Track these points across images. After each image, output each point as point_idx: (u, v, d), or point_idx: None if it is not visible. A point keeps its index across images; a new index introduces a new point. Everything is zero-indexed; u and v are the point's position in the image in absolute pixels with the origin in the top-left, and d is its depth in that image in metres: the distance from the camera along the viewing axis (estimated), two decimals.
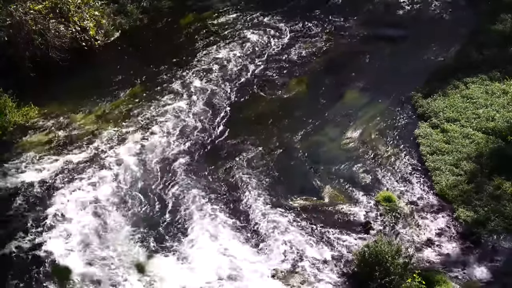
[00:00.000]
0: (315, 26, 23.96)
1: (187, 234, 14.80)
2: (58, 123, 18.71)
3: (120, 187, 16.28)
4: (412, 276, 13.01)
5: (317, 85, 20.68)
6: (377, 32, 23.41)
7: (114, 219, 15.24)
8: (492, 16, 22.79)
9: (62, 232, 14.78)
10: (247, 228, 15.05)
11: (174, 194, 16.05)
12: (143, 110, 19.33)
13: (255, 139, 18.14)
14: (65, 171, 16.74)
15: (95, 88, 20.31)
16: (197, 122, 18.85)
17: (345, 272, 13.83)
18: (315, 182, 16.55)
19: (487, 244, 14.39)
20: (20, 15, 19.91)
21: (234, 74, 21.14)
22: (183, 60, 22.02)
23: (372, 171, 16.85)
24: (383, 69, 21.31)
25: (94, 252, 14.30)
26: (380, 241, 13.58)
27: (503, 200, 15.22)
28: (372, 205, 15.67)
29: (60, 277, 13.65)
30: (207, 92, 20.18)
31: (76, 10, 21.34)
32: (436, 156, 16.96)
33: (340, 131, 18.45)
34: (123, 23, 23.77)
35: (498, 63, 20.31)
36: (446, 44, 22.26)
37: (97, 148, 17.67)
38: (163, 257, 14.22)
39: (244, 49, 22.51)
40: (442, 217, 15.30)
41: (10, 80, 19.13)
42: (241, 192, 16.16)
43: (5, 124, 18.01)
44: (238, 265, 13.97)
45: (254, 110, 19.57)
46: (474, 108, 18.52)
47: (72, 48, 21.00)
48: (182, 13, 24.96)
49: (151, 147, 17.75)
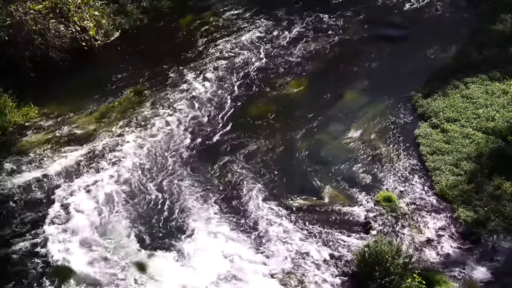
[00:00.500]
0: (316, 26, 23.99)
1: (187, 234, 14.80)
2: (58, 123, 18.72)
3: (120, 186, 16.28)
4: (412, 276, 13.00)
5: (317, 85, 20.69)
6: (377, 32, 23.44)
7: (114, 218, 15.25)
8: (492, 16, 22.80)
9: (62, 232, 14.78)
10: (247, 227, 15.04)
11: (174, 193, 16.05)
12: (143, 110, 19.34)
13: (255, 139, 18.15)
14: (65, 171, 16.75)
15: (95, 88, 20.32)
16: (197, 121, 18.87)
17: (345, 272, 13.82)
18: (315, 182, 16.55)
19: (487, 244, 14.37)
20: (20, 15, 19.90)
21: (234, 74, 21.15)
22: (183, 60, 22.05)
23: (372, 171, 16.85)
24: (383, 69, 21.33)
25: (94, 252, 14.29)
26: (380, 241, 13.58)
27: (503, 200, 15.20)
28: (372, 205, 15.67)
29: (60, 277, 13.62)
30: (207, 92, 20.21)
31: (76, 10, 21.34)
32: (436, 156, 16.95)
33: (340, 131, 18.45)
34: (123, 23, 23.78)
35: (498, 63, 20.30)
36: (446, 44, 22.27)
37: (97, 148, 17.67)
38: (163, 256, 14.20)
39: (244, 49, 22.53)
40: (442, 217, 15.30)
41: (10, 80, 19.13)
42: (241, 191, 16.15)
43: (5, 124, 18.00)
44: (238, 265, 13.96)
45: (254, 109, 19.57)
46: (474, 108, 18.52)
47: (72, 48, 21.02)
48: (182, 13, 25.00)
49: (150, 146, 17.76)
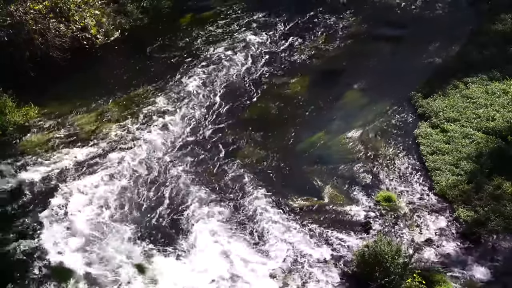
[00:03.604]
0: (316, 26, 23.98)
1: (187, 234, 14.79)
2: (58, 123, 18.72)
3: (120, 186, 16.27)
4: (412, 276, 13.03)
5: (317, 85, 20.69)
6: (377, 32, 23.45)
7: (114, 218, 15.24)
8: (492, 16, 22.79)
9: (62, 232, 14.79)
10: (247, 227, 15.03)
11: (174, 193, 16.05)
12: (143, 110, 19.33)
13: (255, 139, 18.15)
14: (65, 171, 16.75)
15: (96, 88, 20.33)
16: (196, 120, 18.86)
17: (345, 272, 13.82)
18: (315, 182, 16.55)
19: (487, 244, 14.38)
20: (20, 14, 19.88)
21: (234, 74, 21.14)
22: (183, 60, 22.03)
23: (372, 171, 16.85)
24: (383, 69, 21.29)
25: (95, 252, 14.29)
26: (380, 241, 13.56)
27: (503, 200, 15.20)
28: (372, 205, 15.67)
29: (60, 277, 13.63)
30: (207, 91, 20.19)
31: (76, 9, 21.34)
32: (436, 156, 16.96)
33: (340, 131, 18.44)
34: (123, 23, 23.78)
35: (498, 63, 20.29)
36: (446, 44, 22.26)
37: (97, 147, 17.67)
38: (163, 257, 14.21)
39: (244, 49, 22.51)
40: (442, 217, 15.30)
41: (10, 80, 19.10)
42: (241, 191, 16.15)
43: (5, 124, 18.02)
44: (238, 265, 13.96)
45: (253, 109, 19.57)
46: (474, 108, 18.53)
47: (72, 48, 21.00)
48: (182, 13, 25.01)
49: (151, 145, 17.76)
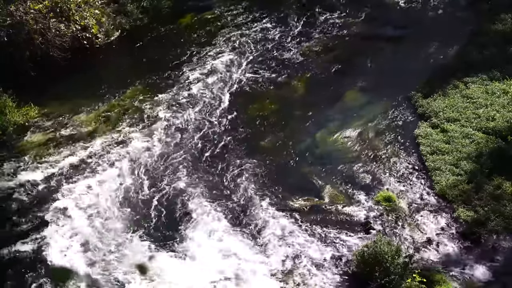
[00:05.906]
0: (316, 26, 23.99)
1: (188, 234, 14.80)
2: (58, 122, 18.73)
3: (120, 186, 16.28)
4: (412, 276, 13.04)
5: (317, 84, 20.69)
6: (377, 32, 23.46)
7: (115, 218, 15.25)
8: (492, 16, 22.80)
9: (62, 232, 14.79)
10: (247, 228, 15.04)
11: (175, 193, 16.05)
12: (144, 109, 19.34)
13: (255, 139, 18.16)
14: (65, 171, 16.76)
15: (96, 87, 20.33)
16: (197, 120, 18.86)
17: (345, 272, 13.83)
18: (315, 182, 16.56)
19: (487, 244, 14.39)
20: (21, 14, 19.90)
21: (234, 74, 21.14)
22: (183, 60, 22.04)
23: (372, 171, 16.85)
24: (383, 69, 21.31)
25: (95, 252, 14.30)
26: (380, 241, 13.58)
27: (503, 200, 15.21)
28: (372, 205, 15.68)
29: (61, 277, 13.65)
30: (206, 91, 20.20)
31: (76, 9, 21.34)
32: (436, 156, 16.96)
33: (340, 131, 18.44)
34: (123, 22, 23.79)
35: (498, 63, 20.30)
36: (446, 44, 22.27)
37: (97, 147, 17.66)
38: (164, 256, 14.21)
39: (244, 49, 22.53)
40: (442, 217, 15.30)
41: (10, 80, 19.10)
42: (241, 191, 16.15)
43: (5, 124, 18.02)
44: (238, 265, 13.97)
45: (253, 109, 19.57)
46: (474, 108, 18.53)
47: (72, 47, 21.02)
48: (182, 12, 25.00)
49: (151, 146, 17.77)
